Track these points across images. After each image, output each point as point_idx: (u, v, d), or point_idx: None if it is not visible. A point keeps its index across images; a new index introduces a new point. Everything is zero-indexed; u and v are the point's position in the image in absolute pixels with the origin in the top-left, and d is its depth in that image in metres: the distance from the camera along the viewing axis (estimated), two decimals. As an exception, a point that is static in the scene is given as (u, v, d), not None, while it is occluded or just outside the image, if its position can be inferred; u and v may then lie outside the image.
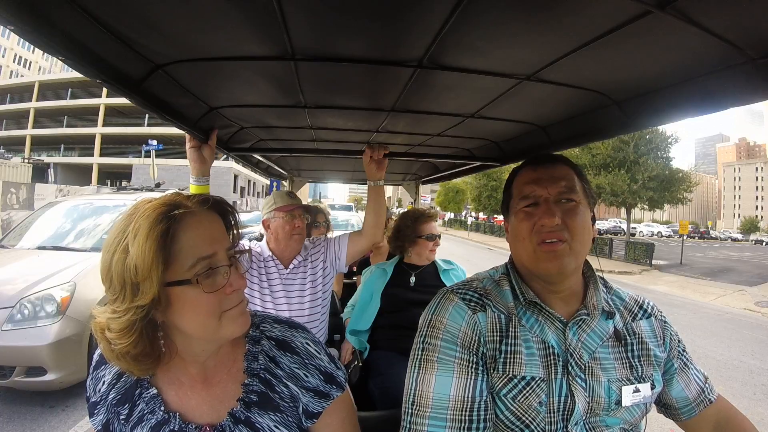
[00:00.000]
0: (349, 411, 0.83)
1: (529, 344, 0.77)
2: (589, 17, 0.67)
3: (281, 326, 0.81)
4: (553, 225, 0.75)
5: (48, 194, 11.84)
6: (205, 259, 0.65)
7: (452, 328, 0.78)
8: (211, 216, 0.69)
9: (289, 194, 1.87)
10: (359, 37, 0.82)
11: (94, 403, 0.75)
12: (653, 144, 19.64)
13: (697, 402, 0.87)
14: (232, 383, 0.74)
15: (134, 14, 0.72)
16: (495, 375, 0.76)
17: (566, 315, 0.80)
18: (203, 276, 0.64)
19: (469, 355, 0.76)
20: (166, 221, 0.62)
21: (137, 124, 31.73)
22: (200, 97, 1.22)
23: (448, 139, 1.74)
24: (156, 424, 0.71)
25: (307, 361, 0.77)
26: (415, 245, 2.10)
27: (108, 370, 0.75)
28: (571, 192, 0.79)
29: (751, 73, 0.73)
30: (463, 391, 0.73)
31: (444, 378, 0.74)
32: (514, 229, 0.83)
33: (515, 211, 0.83)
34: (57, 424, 2.88)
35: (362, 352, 2.01)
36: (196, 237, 0.65)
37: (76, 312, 3.14)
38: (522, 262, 0.82)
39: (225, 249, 0.68)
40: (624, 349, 0.81)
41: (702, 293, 10.75)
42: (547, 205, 0.77)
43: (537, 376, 0.75)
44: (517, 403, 0.74)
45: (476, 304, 0.80)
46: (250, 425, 0.71)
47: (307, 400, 0.75)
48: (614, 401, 0.77)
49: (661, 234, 50.19)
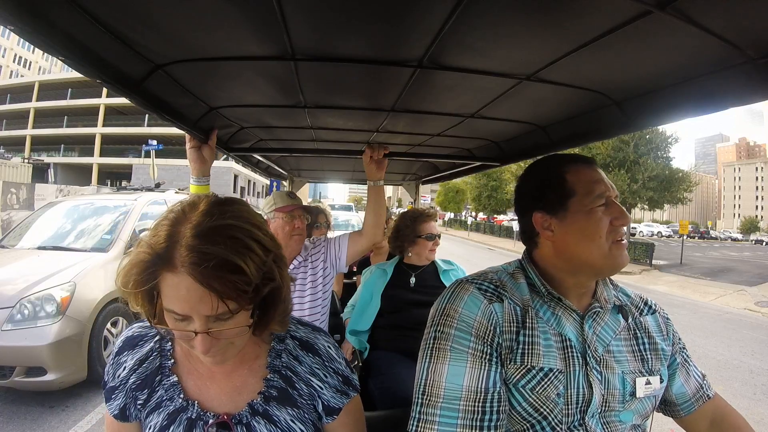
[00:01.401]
0: (362, 412, 0.86)
1: (547, 336, 0.78)
2: (589, 17, 0.67)
3: (305, 328, 0.83)
4: (628, 224, 0.79)
5: (48, 194, 11.83)
6: (171, 312, 0.63)
7: (467, 317, 0.77)
8: (193, 283, 0.60)
9: (289, 194, 1.86)
10: (359, 37, 0.82)
11: (112, 388, 0.76)
12: (653, 144, 19.62)
13: (696, 398, 0.89)
14: (253, 377, 0.75)
15: (134, 14, 0.72)
16: (512, 366, 0.75)
17: (581, 308, 0.82)
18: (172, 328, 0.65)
19: (484, 346, 0.75)
20: (149, 280, 0.61)
21: (137, 124, 31.71)
22: (200, 97, 1.22)
23: (448, 139, 1.74)
24: (174, 411, 0.72)
25: (327, 363, 0.79)
26: (414, 245, 2.09)
27: (130, 356, 0.76)
28: (618, 195, 0.82)
29: (751, 73, 0.73)
30: (477, 382, 0.73)
31: (457, 368, 0.73)
32: (585, 227, 0.79)
33: (587, 210, 0.79)
34: (57, 424, 2.88)
35: (362, 352, 2.02)
36: (173, 296, 0.62)
37: (76, 312, 3.14)
38: (587, 259, 0.78)
39: (203, 315, 0.61)
40: (635, 342, 0.84)
41: (702, 293, 10.75)
42: (619, 206, 0.79)
43: (555, 368, 0.76)
44: (536, 395, 0.74)
45: (492, 294, 0.80)
46: (267, 417, 0.73)
47: (330, 396, 0.77)
48: (629, 393, 0.78)
49: (661, 234, 50.21)
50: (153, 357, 0.76)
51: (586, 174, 0.81)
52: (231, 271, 0.60)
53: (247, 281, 0.61)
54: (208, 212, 0.64)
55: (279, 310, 0.71)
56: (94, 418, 2.98)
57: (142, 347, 0.77)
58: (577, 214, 0.80)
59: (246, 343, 0.73)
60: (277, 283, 0.68)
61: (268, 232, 0.69)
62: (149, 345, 0.77)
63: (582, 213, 0.79)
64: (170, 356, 0.76)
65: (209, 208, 0.65)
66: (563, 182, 0.82)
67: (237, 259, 0.60)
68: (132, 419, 0.76)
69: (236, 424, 0.72)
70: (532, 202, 0.86)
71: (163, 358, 0.76)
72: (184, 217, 0.64)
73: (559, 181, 0.82)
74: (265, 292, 0.66)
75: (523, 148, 1.63)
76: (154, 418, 0.73)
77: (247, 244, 0.63)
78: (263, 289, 0.65)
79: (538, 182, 0.86)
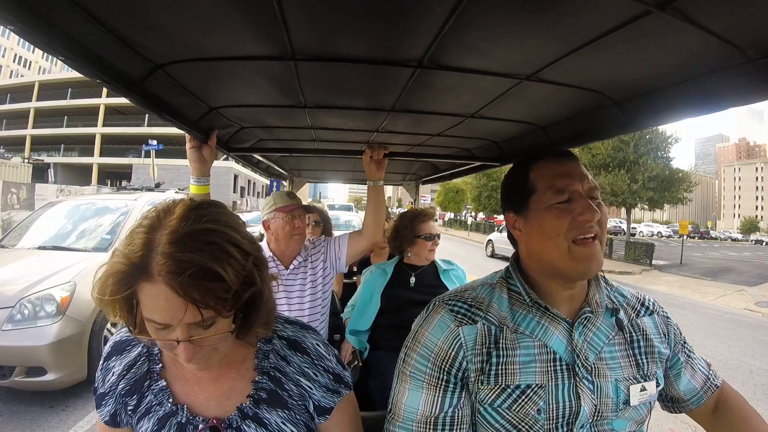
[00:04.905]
0: (356, 410, 0.85)
1: (528, 350, 0.75)
2: (589, 17, 0.67)
3: (293, 327, 0.82)
4: (595, 221, 0.72)
5: (48, 194, 11.85)
6: (152, 322, 0.62)
7: (430, 342, 0.77)
8: (171, 294, 0.58)
9: (289, 194, 1.87)
10: (359, 37, 0.82)
11: (102, 395, 0.76)
12: (653, 144, 19.62)
13: (704, 389, 0.88)
14: (241, 380, 0.75)
15: (134, 14, 0.72)
16: (486, 387, 0.74)
17: (570, 314, 0.79)
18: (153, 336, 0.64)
19: (440, 373, 0.75)
20: (126, 291, 0.60)
21: (137, 124, 31.73)
22: (200, 97, 1.21)
23: (448, 139, 1.74)
24: (163, 416, 0.72)
25: (317, 361, 0.78)
26: (413, 245, 2.08)
27: (118, 361, 0.76)
28: (597, 189, 0.77)
29: (751, 73, 0.73)
30: (431, 406, 0.75)
31: (414, 392, 0.77)
32: (541, 226, 0.76)
33: (545, 207, 0.76)
34: (57, 424, 2.88)
35: (362, 352, 2.01)
36: (151, 306, 0.61)
37: (76, 312, 3.14)
38: (550, 261, 0.76)
39: (184, 324, 0.60)
40: (630, 346, 0.80)
41: (702, 293, 10.75)
42: (585, 200, 0.74)
43: (534, 383, 0.74)
44: (512, 413, 0.73)
45: (464, 316, 0.78)
46: (257, 420, 0.72)
47: (320, 396, 0.76)
48: (622, 401, 0.76)
49: (661, 234, 50.16)
50: (141, 362, 0.75)
51: (550, 169, 0.78)
52: (210, 278, 0.58)
53: (227, 288, 0.60)
54: (184, 217, 0.61)
55: (262, 313, 0.69)
56: (94, 418, 2.98)
57: (130, 352, 0.76)
58: (537, 212, 0.77)
59: (231, 346, 0.72)
60: (258, 287, 0.66)
61: (247, 235, 0.68)
62: (137, 349, 0.76)
63: (541, 210, 0.76)
64: (158, 360, 0.75)
65: (185, 213, 0.62)
66: (526, 180, 0.80)
67: (215, 266, 0.58)
68: (123, 425, 0.75)
69: (226, 428, 0.71)
70: (505, 203, 0.86)
71: (152, 362, 0.75)
72: (159, 223, 0.61)
73: (523, 180, 0.81)
74: (246, 296, 0.64)
75: (523, 148, 1.63)
76: (145, 423, 0.72)
77: (225, 249, 0.61)
78: (244, 294, 0.63)
79: (508, 182, 0.87)
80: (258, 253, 0.68)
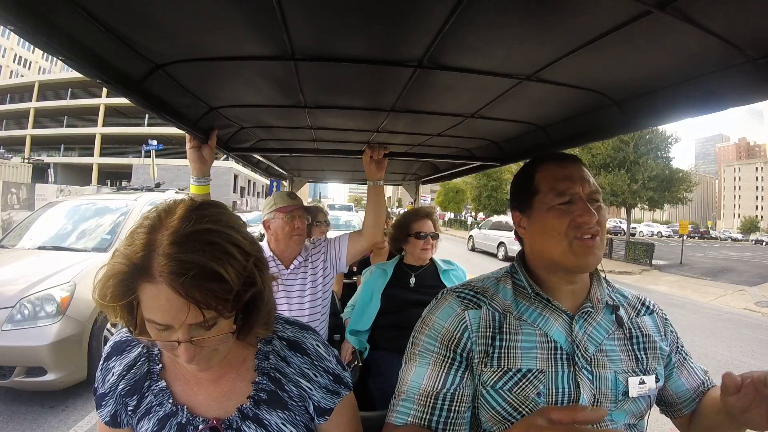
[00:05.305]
0: (356, 410, 0.85)
1: (530, 337, 0.79)
2: (589, 17, 0.67)
3: (293, 327, 0.82)
4: (593, 223, 0.77)
5: (49, 194, 11.85)
6: (152, 323, 0.62)
7: (438, 325, 0.83)
8: (172, 293, 0.58)
9: (290, 195, 1.87)
10: (359, 37, 0.82)
11: (102, 395, 0.76)
12: (653, 144, 19.60)
13: (698, 393, 0.88)
14: (241, 381, 0.75)
15: (134, 14, 0.72)
16: (489, 369, 0.79)
17: (572, 308, 0.82)
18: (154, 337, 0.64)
19: (446, 351, 0.80)
20: (127, 292, 0.60)
21: (137, 124, 31.72)
22: (200, 97, 1.22)
23: (448, 139, 1.74)
24: (164, 416, 0.72)
25: (317, 362, 0.78)
26: (407, 244, 2.08)
27: (118, 361, 0.76)
28: (598, 192, 0.81)
29: (751, 73, 0.73)
30: (434, 381, 0.79)
31: (420, 369, 0.81)
32: (544, 225, 0.81)
33: (547, 208, 0.81)
34: (57, 424, 2.88)
35: (362, 352, 2.01)
36: (153, 307, 0.60)
37: (76, 312, 3.14)
38: (551, 257, 0.80)
39: (185, 324, 0.60)
40: (629, 341, 0.84)
41: (702, 293, 10.75)
42: (584, 203, 0.78)
43: (534, 368, 0.77)
44: (513, 395, 0.77)
45: (469, 301, 0.84)
46: (257, 421, 0.72)
47: (320, 396, 0.77)
48: (621, 392, 0.78)
49: (661, 234, 50.14)
50: (141, 362, 0.75)
51: (554, 172, 0.83)
52: (211, 279, 0.58)
53: (228, 289, 0.59)
54: (185, 217, 0.61)
55: (262, 314, 0.69)
56: (94, 418, 2.97)
57: (130, 352, 0.76)
58: (539, 212, 0.83)
59: (231, 347, 0.72)
60: (259, 288, 0.66)
61: (248, 235, 0.67)
62: (137, 350, 0.76)
63: (543, 210, 0.82)
64: (158, 361, 0.75)
65: (186, 213, 0.62)
66: (531, 181, 0.85)
67: (217, 267, 0.58)
68: (123, 425, 0.75)
69: (226, 429, 0.71)
70: (512, 201, 0.91)
71: (152, 362, 0.75)
72: (161, 223, 0.61)
73: (528, 180, 0.86)
74: (247, 297, 0.64)
75: (523, 148, 1.63)
76: (145, 423, 0.72)
77: (226, 250, 0.61)
78: (245, 295, 0.63)
79: (516, 182, 0.91)
80: (259, 254, 0.68)
